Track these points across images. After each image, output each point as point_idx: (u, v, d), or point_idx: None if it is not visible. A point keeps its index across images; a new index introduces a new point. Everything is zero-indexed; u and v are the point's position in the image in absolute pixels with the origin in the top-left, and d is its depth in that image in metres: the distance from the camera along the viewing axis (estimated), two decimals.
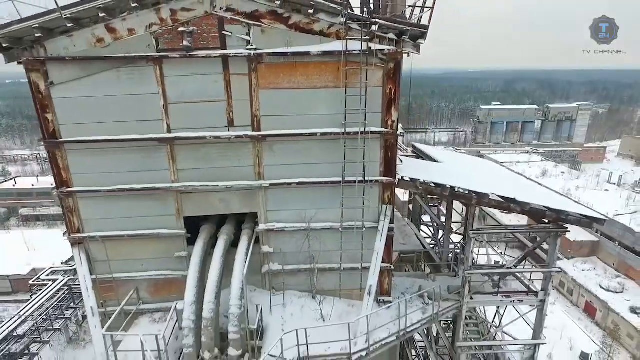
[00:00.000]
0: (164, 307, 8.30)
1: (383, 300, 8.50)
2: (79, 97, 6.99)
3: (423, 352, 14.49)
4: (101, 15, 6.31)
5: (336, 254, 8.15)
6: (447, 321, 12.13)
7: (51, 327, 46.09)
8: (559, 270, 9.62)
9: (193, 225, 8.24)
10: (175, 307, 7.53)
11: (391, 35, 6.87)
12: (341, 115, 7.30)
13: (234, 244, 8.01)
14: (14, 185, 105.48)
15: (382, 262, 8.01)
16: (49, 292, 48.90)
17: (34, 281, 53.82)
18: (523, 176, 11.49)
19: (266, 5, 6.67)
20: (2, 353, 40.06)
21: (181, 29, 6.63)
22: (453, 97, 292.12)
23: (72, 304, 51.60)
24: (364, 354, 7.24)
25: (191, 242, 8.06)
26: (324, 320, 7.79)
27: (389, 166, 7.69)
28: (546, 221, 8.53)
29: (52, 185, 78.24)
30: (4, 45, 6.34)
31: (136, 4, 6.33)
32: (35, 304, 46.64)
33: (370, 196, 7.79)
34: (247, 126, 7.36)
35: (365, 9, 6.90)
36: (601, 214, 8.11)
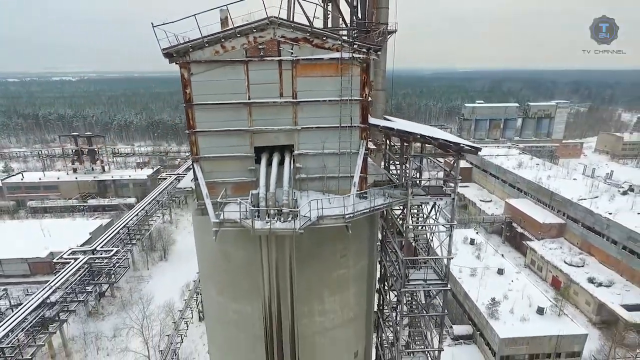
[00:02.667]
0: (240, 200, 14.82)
1: (362, 195, 15.21)
2: (204, 80, 13.56)
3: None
4: (222, 40, 12.91)
5: (336, 168, 14.87)
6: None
7: (76, 299, 53.73)
8: (460, 178, 16.30)
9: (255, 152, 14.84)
10: (251, 192, 14.07)
11: (364, 49, 13.57)
12: (339, 90, 13.99)
13: (280, 163, 14.58)
14: (21, 179, 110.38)
15: (361, 172, 14.72)
16: (73, 268, 55.87)
17: (57, 260, 60.26)
18: (449, 134, 18.15)
19: (301, 34, 13.33)
20: (38, 317, 46.86)
21: (259, 46, 13.25)
22: (441, 96, 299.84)
23: (91, 281, 58.85)
24: (351, 215, 13.89)
25: (256, 161, 14.67)
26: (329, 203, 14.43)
27: (365, 118, 14.43)
28: (453, 151, 15.22)
29: (57, 178, 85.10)
30: (173, 55, 12.89)
31: (238, 34, 12.94)
32: (62, 277, 53.79)
33: (354, 134, 14.52)
34: (290, 96, 14.03)
35: (350, 32, 13.55)
36: (475, 145, 14.67)
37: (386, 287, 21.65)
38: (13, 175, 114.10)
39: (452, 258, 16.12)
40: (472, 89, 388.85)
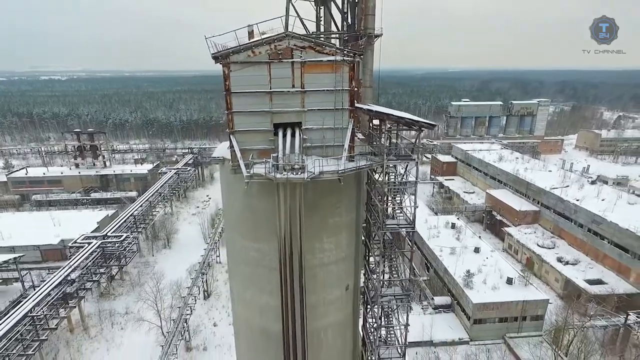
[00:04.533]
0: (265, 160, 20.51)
1: (350, 158, 21.01)
2: (239, 75, 19.22)
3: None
4: (253, 47, 18.61)
5: (332, 139, 20.64)
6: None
7: (91, 279, 60.70)
8: (422, 147, 22.16)
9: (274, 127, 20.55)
10: (272, 155, 19.76)
11: (351, 54, 19.38)
12: (334, 83, 19.76)
13: (291, 135, 20.30)
14: (26, 174, 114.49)
15: (350, 142, 20.52)
16: (87, 251, 62.41)
17: (72, 244, 66.42)
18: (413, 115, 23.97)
19: (308, 44, 19.09)
20: (60, 292, 53.17)
21: (278, 52, 18.97)
22: (430, 95, 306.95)
23: (104, 263, 65.67)
24: (343, 171, 19.65)
25: (275, 134, 20.38)
26: (327, 162, 20.21)
27: (352, 103, 20.24)
28: (415, 127, 21.06)
29: (61, 173, 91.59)
30: (218, 57, 18.54)
31: (264, 43, 18.65)
32: (79, 259, 60.41)
33: (344, 114, 20.32)
34: (299, 87, 19.75)
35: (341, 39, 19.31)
36: (431, 122, 20.53)
37: (371, 241, 27.47)
38: (17, 171, 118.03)
39: (417, 207, 22.01)
40: (461, 88, 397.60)
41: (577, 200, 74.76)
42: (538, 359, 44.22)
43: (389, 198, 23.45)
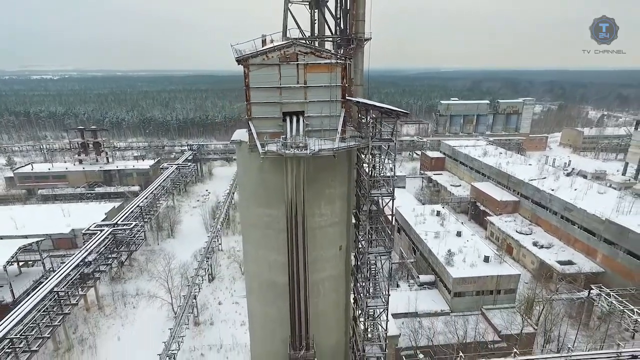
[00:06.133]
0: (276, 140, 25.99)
1: (342, 139, 26.61)
2: (256, 74, 24.70)
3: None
4: (267, 52, 24.13)
5: (328, 124, 26.22)
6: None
7: (104, 263, 67.37)
8: (399, 131, 27.73)
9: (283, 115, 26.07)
10: (282, 137, 25.25)
11: (343, 58, 24.97)
12: (329, 80, 25.35)
13: (297, 122, 25.83)
14: (31, 170, 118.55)
15: (342, 127, 26.13)
16: (100, 237, 68.75)
17: (85, 231, 72.33)
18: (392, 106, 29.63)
19: (310, 50, 24.66)
20: (79, 273, 59.30)
21: (286, 56, 24.49)
22: (421, 95, 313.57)
23: (115, 249, 72.49)
24: (337, 148, 25.25)
25: (283, 120, 25.91)
26: (324, 142, 25.77)
27: (344, 96, 25.86)
28: (393, 115, 26.67)
29: (66, 168, 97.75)
30: (240, 60, 24.01)
31: (275, 49, 24.19)
32: (94, 244, 66.77)
33: (338, 105, 25.92)
34: (302, 83, 25.29)
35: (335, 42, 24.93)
36: (405, 111, 26.19)
37: (360, 212, 33.08)
38: (23, 166, 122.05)
39: (395, 179, 27.69)
40: (453, 87, 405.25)
41: (552, 190, 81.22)
42: (509, 324, 50.21)
43: (374, 171, 29.06)
